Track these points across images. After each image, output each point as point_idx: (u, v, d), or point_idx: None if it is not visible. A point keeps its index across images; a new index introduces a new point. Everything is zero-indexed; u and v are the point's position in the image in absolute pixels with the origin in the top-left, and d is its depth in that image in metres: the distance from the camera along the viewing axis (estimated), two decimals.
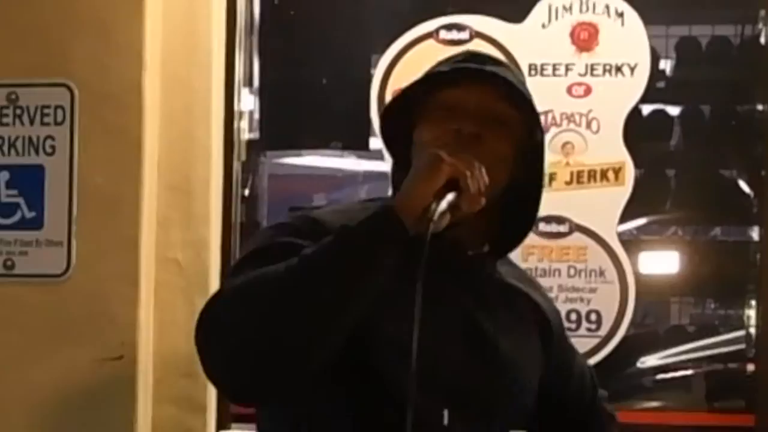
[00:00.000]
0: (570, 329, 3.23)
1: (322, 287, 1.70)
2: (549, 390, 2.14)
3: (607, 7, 3.36)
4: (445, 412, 1.88)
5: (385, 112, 2.05)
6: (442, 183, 1.72)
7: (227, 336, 1.75)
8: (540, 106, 3.14)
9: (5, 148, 3.25)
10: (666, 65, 3.69)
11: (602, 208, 3.37)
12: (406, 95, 1.97)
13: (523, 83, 2.02)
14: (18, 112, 3.24)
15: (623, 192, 3.34)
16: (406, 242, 1.70)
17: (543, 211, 3.21)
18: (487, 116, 1.91)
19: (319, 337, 1.71)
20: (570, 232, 3.37)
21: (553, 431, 2.26)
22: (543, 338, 2.13)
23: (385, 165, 3.36)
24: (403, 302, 1.70)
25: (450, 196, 1.72)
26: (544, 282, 3.28)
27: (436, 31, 3.41)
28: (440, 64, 2.00)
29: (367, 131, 3.52)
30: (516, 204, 2.00)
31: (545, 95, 3.25)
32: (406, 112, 1.98)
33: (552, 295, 3.32)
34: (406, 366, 1.68)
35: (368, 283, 1.71)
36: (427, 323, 1.70)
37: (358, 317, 1.72)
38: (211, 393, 3.25)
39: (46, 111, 3.23)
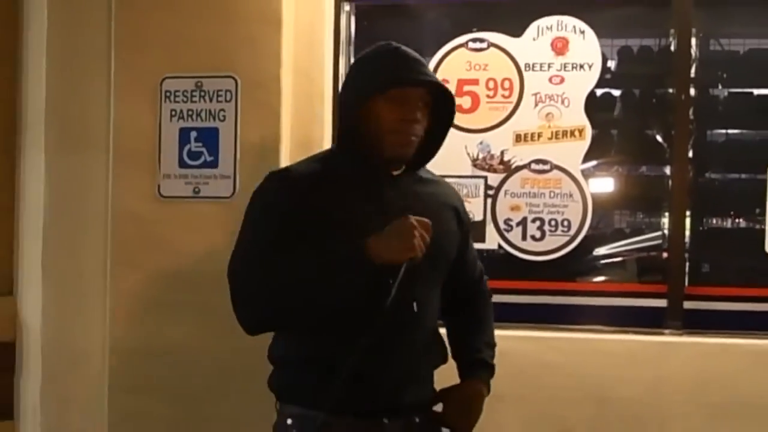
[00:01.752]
0: (551, 231, 3.80)
1: (316, 295, 2.15)
2: (457, 261, 2.43)
3: (575, 27, 3.82)
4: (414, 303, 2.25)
5: (360, 94, 2.27)
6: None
7: (248, 301, 2.22)
8: (532, 90, 3.78)
9: (194, 116, 3.68)
10: (611, 64, 4.04)
11: (571, 154, 3.83)
12: (373, 84, 2.24)
13: (434, 75, 2.32)
14: (202, 94, 3.69)
15: (584, 144, 3.83)
16: (373, 272, 2.09)
17: (533, 156, 3.81)
18: (421, 105, 2.28)
19: (313, 314, 2.19)
20: (551, 170, 3.83)
21: (448, 304, 2.49)
22: (457, 216, 2.44)
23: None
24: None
25: (406, 265, 2.09)
26: (534, 200, 3.82)
27: (466, 42, 3.90)
28: (394, 64, 2.25)
29: None
30: (431, 139, 2.36)
31: (535, 83, 3.83)
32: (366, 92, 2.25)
33: (539, 209, 3.80)
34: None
35: (346, 291, 2.14)
36: (382, 225, 2.14)
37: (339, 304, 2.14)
38: None
39: (219, 93, 3.67)
